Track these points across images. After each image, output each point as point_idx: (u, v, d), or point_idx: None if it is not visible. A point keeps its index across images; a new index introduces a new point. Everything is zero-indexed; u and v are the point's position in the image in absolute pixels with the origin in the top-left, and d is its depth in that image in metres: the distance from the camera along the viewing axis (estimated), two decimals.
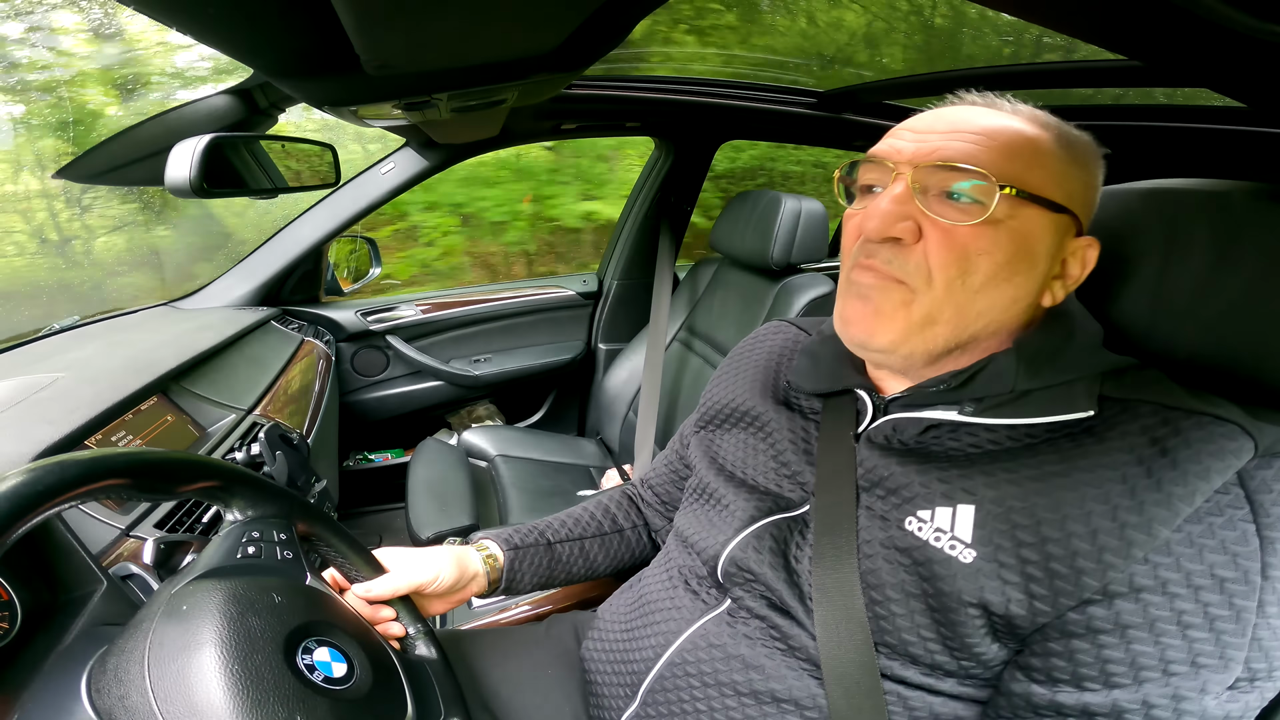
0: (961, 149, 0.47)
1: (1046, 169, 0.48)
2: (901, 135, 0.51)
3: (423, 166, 1.51)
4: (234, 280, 1.50)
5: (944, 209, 0.47)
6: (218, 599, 0.41)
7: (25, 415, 0.75)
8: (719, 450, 0.67)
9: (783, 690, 0.53)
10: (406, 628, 0.59)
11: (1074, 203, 0.49)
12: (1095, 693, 0.42)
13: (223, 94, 1.12)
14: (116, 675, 0.38)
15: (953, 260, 0.47)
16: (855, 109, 1.51)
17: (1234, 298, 0.48)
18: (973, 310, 0.49)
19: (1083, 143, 0.51)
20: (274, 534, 0.50)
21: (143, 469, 0.43)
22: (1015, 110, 0.51)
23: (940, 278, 0.47)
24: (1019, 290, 0.49)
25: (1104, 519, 0.42)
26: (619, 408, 1.74)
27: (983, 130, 0.48)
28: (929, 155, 0.48)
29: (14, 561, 0.45)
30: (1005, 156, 0.47)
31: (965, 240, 0.47)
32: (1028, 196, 0.46)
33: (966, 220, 0.46)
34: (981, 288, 0.48)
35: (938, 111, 0.52)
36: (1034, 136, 0.48)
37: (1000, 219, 0.46)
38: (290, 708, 0.37)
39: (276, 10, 0.50)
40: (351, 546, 0.58)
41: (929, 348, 0.50)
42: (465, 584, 0.67)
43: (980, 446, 0.50)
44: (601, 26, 0.66)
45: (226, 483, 0.50)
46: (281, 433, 1.00)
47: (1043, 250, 0.48)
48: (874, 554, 0.50)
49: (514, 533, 0.74)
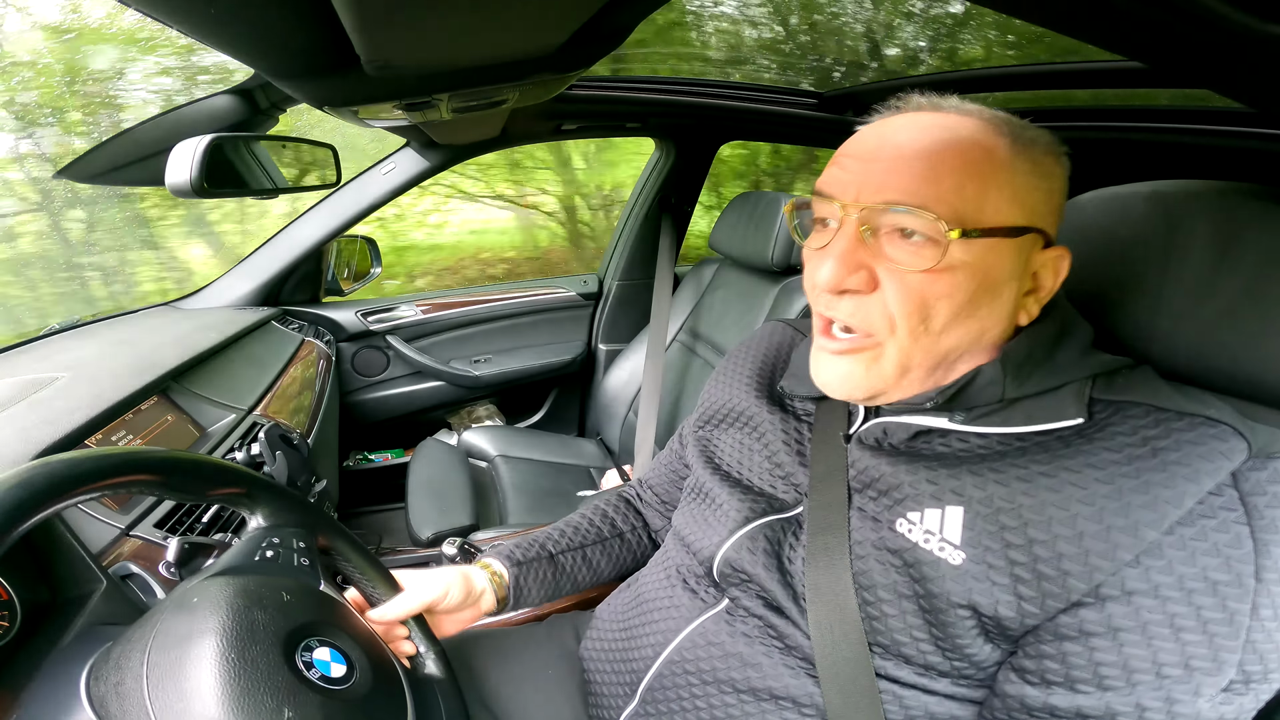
0: (908, 186, 0.44)
1: (1002, 189, 0.45)
2: (844, 165, 0.49)
3: (423, 167, 1.51)
4: (234, 280, 1.50)
5: (896, 250, 0.46)
6: (227, 593, 0.42)
7: (25, 414, 0.75)
8: (715, 450, 0.67)
9: (780, 688, 0.53)
10: (417, 645, 0.58)
11: (1036, 217, 0.46)
12: (1088, 695, 0.42)
13: (223, 94, 1.12)
14: (117, 663, 0.39)
15: (913, 309, 0.46)
16: (856, 110, 1.51)
17: (1234, 299, 0.48)
18: (940, 350, 0.48)
19: (1041, 144, 0.47)
20: (294, 542, 0.51)
21: (177, 468, 0.45)
22: (964, 112, 0.48)
23: (903, 326, 0.47)
24: (986, 321, 0.48)
25: (1090, 521, 0.42)
26: (619, 408, 1.74)
27: (931, 155, 0.45)
28: (876, 193, 0.46)
29: (14, 561, 0.45)
30: (954, 187, 0.44)
31: (921, 287, 0.45)
32: (984, 232, 0.44)
33: (920, 265, 0.45)
34: (945, 329, 0.47)
35: (880, 131, 0.49)
36: (987, 150, 0.45)
37: (956, 258, 0.44)
38: (280, 699, 0.38)
39: (277, 11, 0.50)
40: (371, 564, 0.59)
41: (906, 392, 0.51)
42: (473, 601, 0.66)
43: (970, 450, 0.49)
44: (602, 27, 0.66)
45: (252, 490, 0.51)
46: (282, 433, 1.00)
47: (1006, 277, 0.46)
48: (866, 555, 0.50)
49: (515, 548, 0.73)
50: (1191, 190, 0.52)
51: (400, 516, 1.49)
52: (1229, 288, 0.48)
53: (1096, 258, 0.57)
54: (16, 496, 0.35)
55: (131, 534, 0.71)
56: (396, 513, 1.81)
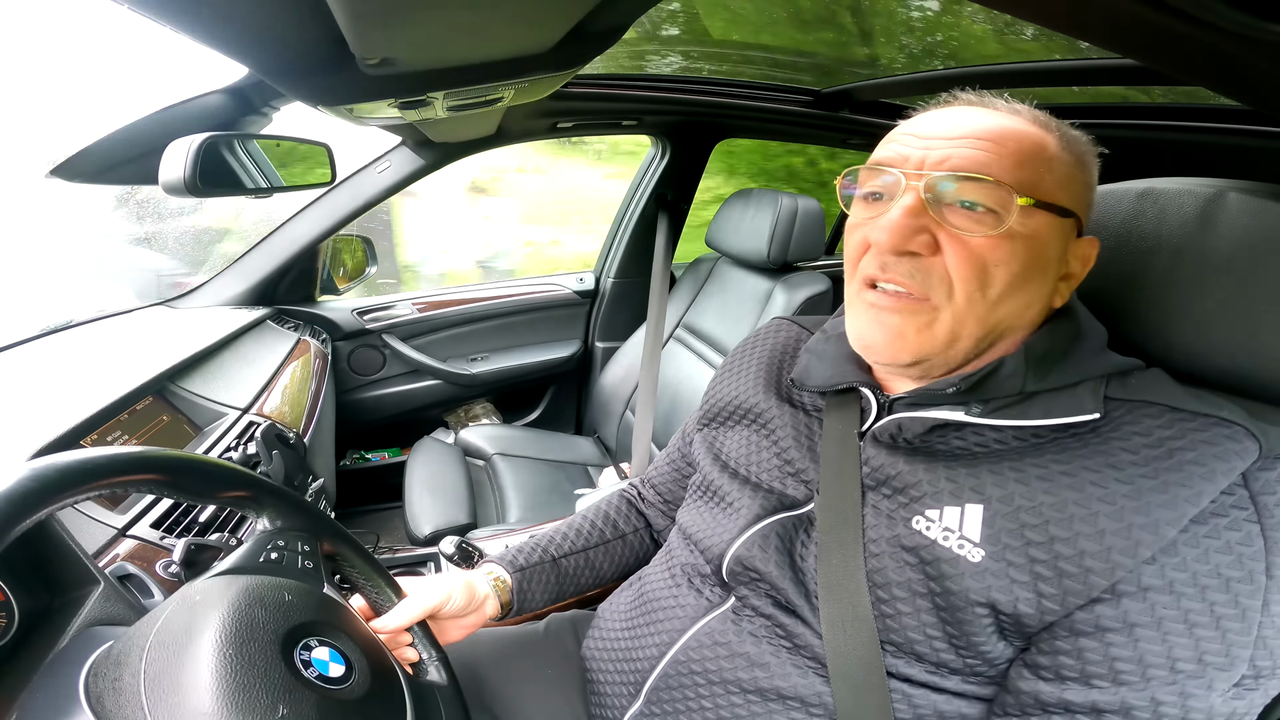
0: (973, 157, 0.47)
1: (1055, 173, 0.47)
2: (905, 141, 0.50)
3: (418, 165, 1.50)
4: (229, 280, 1.50)
5: (959, 220, 0.47)
6: (230, 592, 0.42)
7: (20, 413, 0.75)
8: (723, 447, 0.67)
9: (788, 688, 0.53)
10: (420, 652, 0.58)
11: (1078, 205, 0.49)
12: (1103, 690, 0.43)
13: (216, 93, 1.11)
14: (117, 659, 0.39)
15: (972, 274, 0.47)
16: (852, 108, 1.52)
17: (1228, 296, 0.48)
18: (992, 320, 0.48)
19: (1082, 142, 0.51)
20: (299, 545, 0.51)
21: (185, 470, 0.46)
22: (1014, 110, 0.50)
23: (961, 291, 0.47)
24: (1032, 296, 0.49)
25: (1110, 519, 0.43)
26: (616, 406, 1.74)
27: (990, 135, 0.47)
28: (940, 163, 0.47)
29: (11, 562, 0.45)
30: (1017, 163, 0.46)
31: (982, 252, 0.46)
32: (1041, 205, 0.46)
33: (983, 231, 0.46)
34: (1000, 298, 0.47)
35: (939, 113, 0.51)
36: (1041, 140, 0.48)
37: (1016, 228, 0.46)
38: (275, 696, 0.37)
39: (272, 10, 0.50)
40: (376, 570, 0.59)
41: (950, 361, 0.51)
42: (477, 607, 0.66)
43: (987, 446, 0.50)
44: (597, 25, 0.66)
45: (260, 494, 0.52)
46: (278, 432, 1.00)
47: (1053, 255, 0.48)
48: (880, 552, 0.50)
49: (518, 553, 0.73)
50: (1186, 188, 0.52)
51: (397, 515, 1.49)
52: (1223, 284, 0.49)
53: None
54: (28, 488, 0.36)
55: (128, 534, 0.70)
56: (394, 511, 1.80)
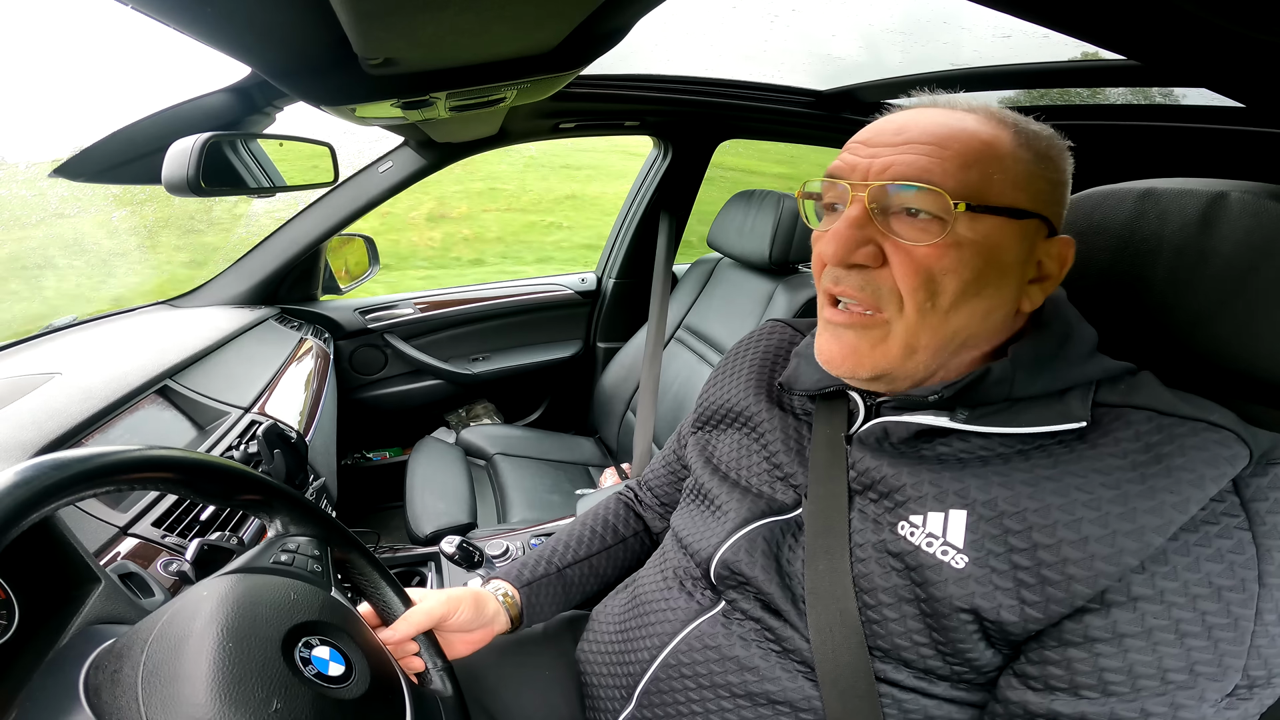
0: (914, 162, 0.46)
1: (1006, 173, 0.46)
2: (855, 150, 0.50)
3: (420, 165, 1.50)
4: (232, 279, 1.50)
5: (903, 228, 0.46)
6: (236, 589, 0.42)
7: (23, 412, 0.75)
8: (714, 451, 0.67)
9: (778, 692, 0.53)
10: (426, 662, 0.58)
11: (1040, 204, 0.47)
12: (1092, 701, 0.42)
13: (219, 92, 1.12)
14: (119, 653, 0.39)
15: (920, 284, 0.46)
16: (853, 108, 1.51)
17: (1226, 295, 0.48)
18: (948, 330, 0.48)
19: (1045, 138, 0.48)
20: (309, 549, 0.52)
21: (199, 472, 0.47)
22: (970, 109, 0.49)
23: (910, 303, 0.47)
24: (992, 302, 0.48)
25: (1095, 526, 0.42)
26: (617, 406, 1.74)
27: (935, 138, 0.46)
28: (883, 171, 0.47)
29: (12, 560, 0.45)
30: (960, 167, 0.45)
31: (928, 261, 0.46)
32: (988, 209, 0.45)
33: (927, 240, 0.45)
34: (952, 307, 0.47)
35: (887, 119, 0.50)
36: (990, 139, 0.46)
37: (962, 235, 0.45)
38: (271, 690, 0.38)
39: (275, 9, 0.50)
40: (385, 579, 0.59)
41: (912, 373, 0.50)
42: (486, 622, 0.66)
43: (973, 453, 0.49)
44: (600, 26, 0.66)
45: (273, 499, 0.52)
46: (279, 431, 1.00)
47: (1011, 259, 0.47)
48: (866, 557, 0.50)
49: (523, 568, 0.73)
50: (1185, 189, 0.52)
51: (399, 515, 1.49)
52: (1220, 282, 0.49)
53: (1091, 255, 0.57)
54: (52, 478, 0.37)
55: (129, 533, 0.71)
56: (395, 511, 1.81)
